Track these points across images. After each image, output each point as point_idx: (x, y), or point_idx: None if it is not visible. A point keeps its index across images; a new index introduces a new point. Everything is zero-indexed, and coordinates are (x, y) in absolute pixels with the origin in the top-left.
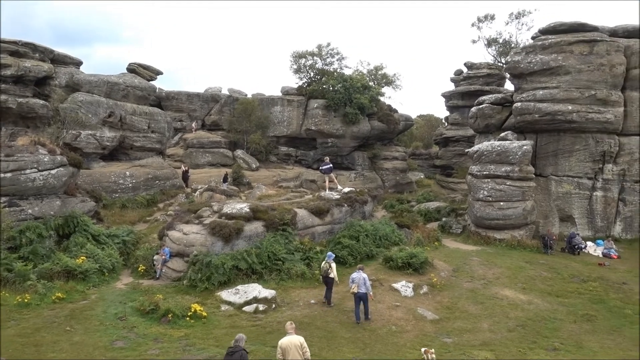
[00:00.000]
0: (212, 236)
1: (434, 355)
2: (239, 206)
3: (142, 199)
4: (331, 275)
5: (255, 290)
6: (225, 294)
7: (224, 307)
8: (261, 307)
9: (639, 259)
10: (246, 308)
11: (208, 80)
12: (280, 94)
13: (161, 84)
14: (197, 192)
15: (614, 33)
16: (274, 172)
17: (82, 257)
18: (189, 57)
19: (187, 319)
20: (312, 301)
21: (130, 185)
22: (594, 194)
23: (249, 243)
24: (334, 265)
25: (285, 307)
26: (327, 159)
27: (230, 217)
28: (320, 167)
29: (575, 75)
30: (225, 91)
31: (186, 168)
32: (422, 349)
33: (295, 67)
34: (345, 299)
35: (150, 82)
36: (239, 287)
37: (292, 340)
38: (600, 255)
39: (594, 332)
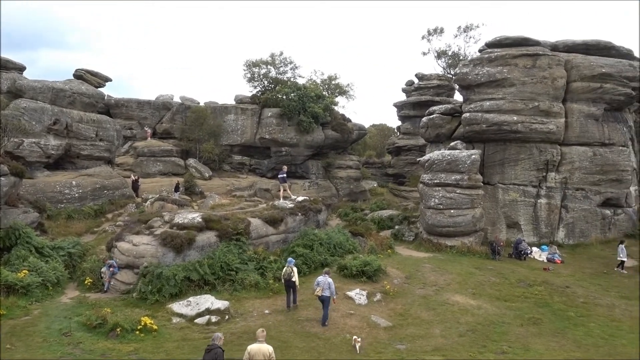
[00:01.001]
0: (163, 247)
1: (359, 344)
2: (191, 216)
3: (89, 209)
4: (293, 279)
5: (208, 301)
6: (177, 306)
7: (175, 320)
8: (214, 318)
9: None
10: (198, 320)
11: (159, 88)
12: (233, 103)
13: (110, 91)
14: (148, 202)
15: (555, 47)
16: (227, 181)
17: (24, 271)
18: (140, 64)
19: (137, 332)
20: (267, 311)
21: (76, 195)
22: (538, 201)
23: (202, 253)
24: (295, 269)
25: (239, 318)
26: (284, 168)
27: (182, 227)
28: (279, 176)
29: (520, 87)
30: (177, 99)
31: (136, 177)
32: (353, 337)
33: (248, 75)
34: (300, 308)
35: (99, 89)
36: (190, 298)
37: (262, 348)
38: (545, 260)
39: (540, 335)
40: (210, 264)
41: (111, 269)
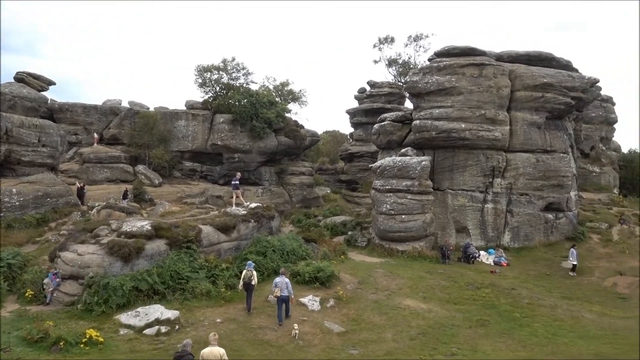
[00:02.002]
0: (110, 256)
1: (296, 331)
2: (140, 224)
3: (31, 218)
4: (253, 282)
5: (157, 311)
6: (125, 317)
7: (122, 331)
8: (163, 329)
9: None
10: (147, 331)
11: (107, 93)
12: (184, 108)
13: (54, 95)
14: (94, 210)
15: (499, 58)
16: (178, 188)
17: None
18: (86, 68)
19: (82, 346)
20: (218, 320)
21: (17, 203)
22: (486, 206)
23: (151, 262)
24: (255, 273)
25: (190, 327)
26: (238, 174)
27: (130, 235)
28: (232, 182)
29: (467, 96)
30: (125, 104)
31: (82, 184)
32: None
33: (200, 80)
34: (253, 316)
35: (41, 92)
36: (139, 309)
37: (214, 351)
38: (492, 264)
39: (487, 336)
40: (159, 273)
41: (54, 280)
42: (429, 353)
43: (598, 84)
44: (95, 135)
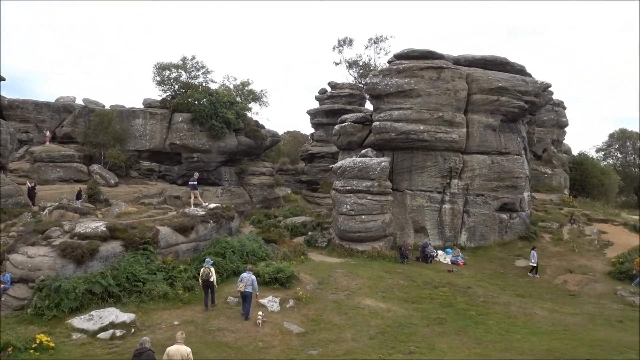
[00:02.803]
0: (63, 258)
1: (260, 319)
2: (94, 225)
3: None
4: (211, 279)
5: (112, 314)
6: (77, 321)
7: (75, 336)
8: (118, 332)
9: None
10: (101, 335)
11: (60, 90)
12: (142, 107)
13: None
14: (46, 211)
15: (457, 61)
16: (135, 188)
17: None
18: (39, 64)
19: (32, 351)
20: (176, 322)
21: None
22: (443, 206)
23: (106, 264)
24: (213, 269)
25: (146, 330)
26: (196, 174)
27: (83, 237)
28: (189, 182)
29: (426, 98)
30: (79, 101)
31: (33, 184)
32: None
33: (158, 79)
34: (211, 317)
35: None
36: (93, 312)
37: (180, 349)
38: (449, 263)
39: (444, 334)
40: (115, 275)
41: (2, 285)
42: (387, 352)
43: (550, 89)
44: (48, 134)
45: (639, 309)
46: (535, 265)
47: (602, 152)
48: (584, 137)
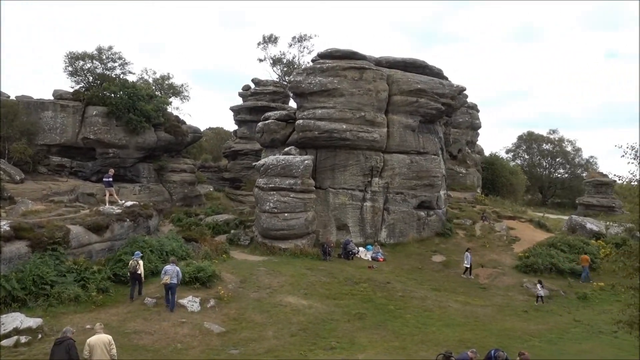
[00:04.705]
0: None
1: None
2: None
3: None
4: (139, 272)
5: (17, 320)
6: None
7: None
8: (23, 339)
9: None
10: (5, 342)
11: None
12: (52, 98)
13: None
14: None
15: (378, 63)
16: (44, 185)
17: None
18: None
19: None
20: (88, 326)
21: None
22: (364, 204)
23: (10, 266)
24: (141, 262)
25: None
26: (111, 171)
27: None
28: (104, 179)
29: (349, 98)
30: None
31: None
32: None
33: (70, 69)
34: (127, 320)
35: None
36: None
37: (101, 338)
38: (370, 259)
39: (364, 329)
40: (20, 278)
41: None
42: (308, 348)
43: (465, 92)
44: None
45: (538, 301)
46: (468, 266)
47: (512, 153)
48: (494, 138)
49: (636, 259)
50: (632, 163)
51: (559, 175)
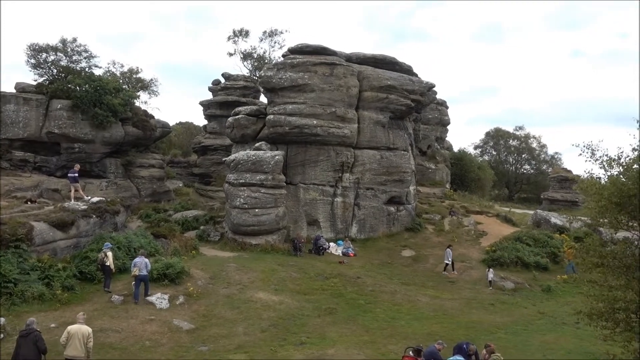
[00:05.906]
0: None
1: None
2: None
3: None
4: (107, 263)
5: None
6: None
7: None
8: None
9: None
10: None
11: None
12: (14, 91)
13: None
14: None
15: (349, 59)
16: (6, 181)
17: None
18: None
19: None
20: (53, 325)
21: None
22: (335, 199)
23: None
24: (110, 253)
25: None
26: (77, 166)
27: None
28: (69, 175)
29: (319, 93)
30: None
31: None
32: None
33: (33, 61)
34: (93, 318)
35: None
36: None
37: (82, 329)
38: (341, 254)
39: (335, 324)
40: None
41: None
42: (279, 344)
43: (434, 89)
44: None
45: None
46: (448, 263)
47: (479, 149)
48: (461, 135)
49: (594, 254)
50: (589, 161)
51: (524, 171)
